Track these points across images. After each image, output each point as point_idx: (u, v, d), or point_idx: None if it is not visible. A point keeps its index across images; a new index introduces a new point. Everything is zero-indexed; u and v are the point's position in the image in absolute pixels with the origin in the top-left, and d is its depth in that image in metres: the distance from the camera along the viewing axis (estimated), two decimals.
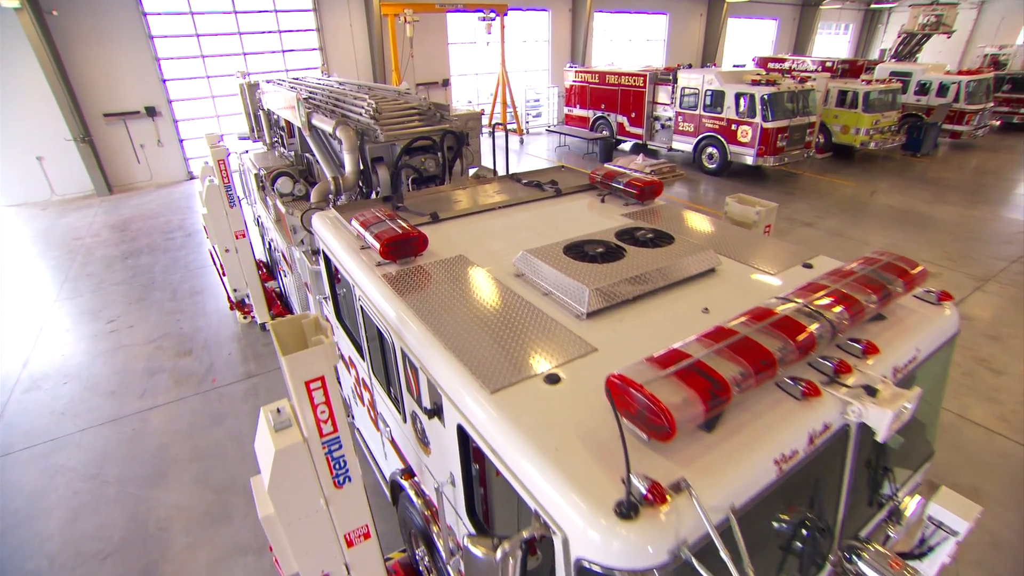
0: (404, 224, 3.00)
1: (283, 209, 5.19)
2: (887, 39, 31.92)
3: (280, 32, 16.30)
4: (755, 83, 13.32)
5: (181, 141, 15.78)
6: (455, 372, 2.05)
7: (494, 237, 3.37)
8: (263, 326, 7.27)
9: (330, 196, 4.60)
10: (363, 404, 4.03)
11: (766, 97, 13.09)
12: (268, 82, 9.12)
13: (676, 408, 1.52)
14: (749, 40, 29.41)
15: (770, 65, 22.11)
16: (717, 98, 14.06)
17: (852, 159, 17.17)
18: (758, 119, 13.27)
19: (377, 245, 2.81)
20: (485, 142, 5.98)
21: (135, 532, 4.38)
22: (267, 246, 8.76)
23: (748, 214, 3.89)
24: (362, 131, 4.69)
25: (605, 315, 2.38)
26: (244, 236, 6.92)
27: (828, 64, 20.86)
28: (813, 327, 1.93)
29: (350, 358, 3.97)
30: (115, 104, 14.48)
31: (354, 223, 3.13)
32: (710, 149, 14.72)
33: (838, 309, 2.06)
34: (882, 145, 16.07)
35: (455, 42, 19.33)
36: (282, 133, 8.50)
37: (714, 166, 14.73)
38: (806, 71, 19.50)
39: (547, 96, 21.54)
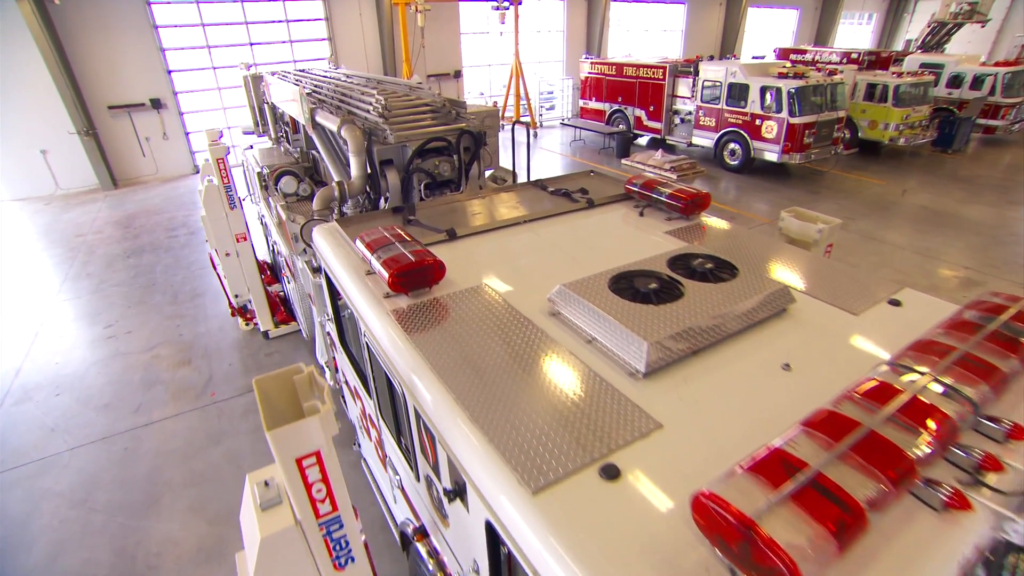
0: (417, 246, 2.57)
1: (283, 215, 4.78)
2: (913, 29, 30.81)
3: (288, 21, 15.85)
4: (781, 76, 12.70)
5: (187, 134, 15.44)
6: (485, 459, 1.62)
7: (521, 259, 2.93)
8: (266, 334, 6.90)
9: (334, 203, 4.18)
10: (370, 439, 3.63)
11: (793, 91, 12.46)
12: (272, 74, 8.69)
13: (801, 555, 1.09)
14: (769, 31, 28.51)
15: (792, 57, 21.34)
16: (741, 92, 13.45)
17: (878, 155, 16.48)
18: (784, 114, 12.66)
19: (385, 275, 2.38)
20: (502, 138, 5.51)
21: (122, 569, 4.03)
22: (271, 247, 8.39)
23: (808, 232, 3.41)
24: (370, 131, 4.25)
25: (665, 374, 1.94)
26: (246, 239, 6.53)
27: (854, 56, 20.07)
28: (952, 411, 1.48)
29: (356, 388, 3.57)
30: (119, 96, 14.14)
31: (359, 244, 2.70)
32: (732, 145, 14.13)
33: (974, 381, 1.60)
34: (912, 141, 15.37)
35: (467, 32, 18.77)
36: (287, 128, 8.10)
37: (736, 163, 14.15)
38: (830, 63, 18.75)
39: (561, 88, 20.95)
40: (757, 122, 13.29)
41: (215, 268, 6.63)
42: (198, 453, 5.14)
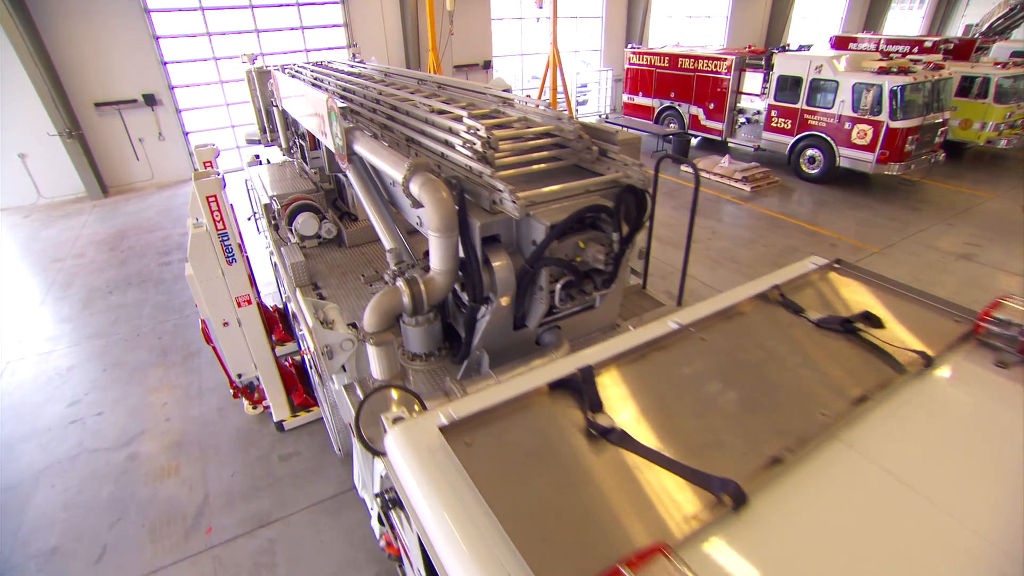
0: None
1: (307, 312, 2.96)
2: (970, 13, 28.39)
3: (299, 4, 13.97)
4: (882, 71, 10.72)
5: (186, 134, 13.67)
6: None
7: None
8: (280, 425, 5.17)
9: (404, 320, 2.42)
10: None
11: (896, 89, 10.50)
12: (282, 69, 6.89)
13: None
14: (817, 17, 26.30)
15: (851, 47, 19.23)
16: (828, 89, 11.48)
17: (961, 159, 14.53)
18: (884, 117, 10.70)
19: None
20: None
21: None
22: (283, 293, 6.65)
23: None
24: (458, 184, 2.44)
25: None
26: (250, 302, 4.78)
27: (927, 44, 17.92)
28: None
29: None
30: (108, 92, 12.35)
31: None
32: (811, 151, 12.19)
33: None
34: (1013, 142, 13.39)
35: (499, 18, 16.80)
36: (303, 142, 6.31)
37: (816, 172, 12.21)
38: (899, 53, 16.63)
39: (598, 80, 18.95)
40: (847, 125, 11.33)
41: (209, 341, 4.91)
42: None
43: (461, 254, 2.44)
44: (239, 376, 5.08)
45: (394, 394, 1.90)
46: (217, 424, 5.32)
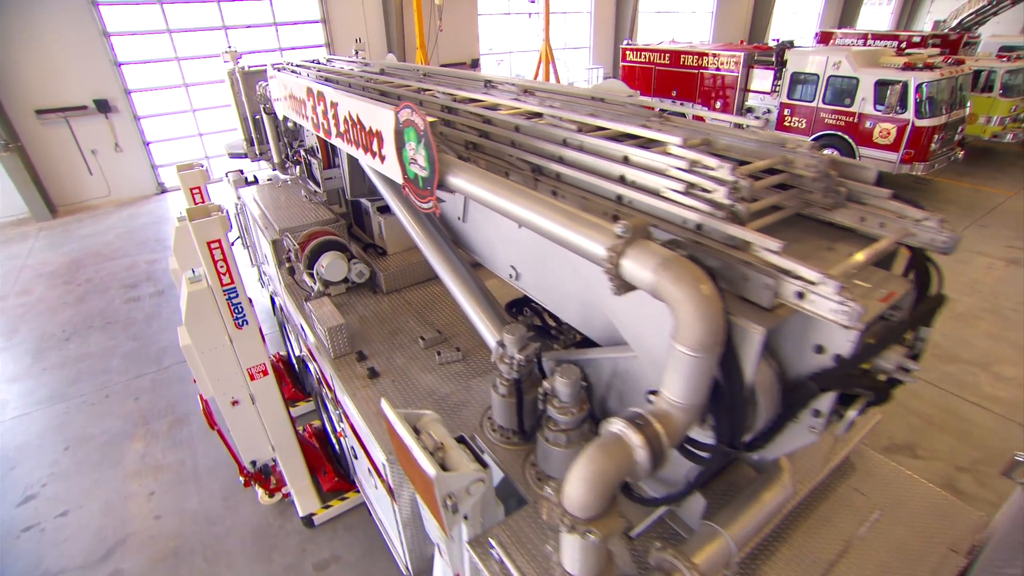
0: None
1: (420, 457, 1.88)
2: (936, 9, 28.93)
3: None
4: (908, 67, 10.24)
5: (147, 144, 12.16)
6: None
7: None
8: (309, 520, 4.09)
9: (548, 436, 1.44)
10: None
11: (923, 86, 10.02)
12: (277, 67, 5.73)
13: None
14: (796, 14, 26.31)
15: (836, 42, 19.05)
16: (847, 86, 10.95)
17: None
18: (909, 115, 10.22)
19: None
20: None
21: None
22: (287, 336, 5.52)
23: None
24: (700, 260, 1.44)
25: None
26: (266, 373, 3.69)
27: (915, 39, 17.86)
28: None
29: None
30: (51, 97, 10.77)
31: None
32: (828, 151, 11.62)
33: None
34: (1019, 136, 13.27)
35: (486, 13, 15.78)
36: (313, 159, 5.20)
37: None
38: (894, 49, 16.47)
39: (588, 79, 18.16)
40: (867, 124, 10.82)
41: (214, 425, 3.80)
42: None
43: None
44: (252, 463, 3.98)
45: None
46: (225, 520, 4.19)
